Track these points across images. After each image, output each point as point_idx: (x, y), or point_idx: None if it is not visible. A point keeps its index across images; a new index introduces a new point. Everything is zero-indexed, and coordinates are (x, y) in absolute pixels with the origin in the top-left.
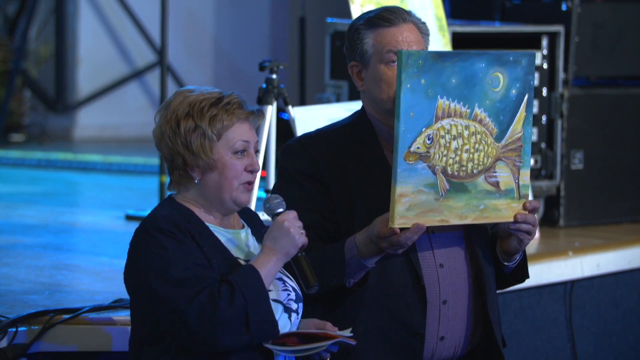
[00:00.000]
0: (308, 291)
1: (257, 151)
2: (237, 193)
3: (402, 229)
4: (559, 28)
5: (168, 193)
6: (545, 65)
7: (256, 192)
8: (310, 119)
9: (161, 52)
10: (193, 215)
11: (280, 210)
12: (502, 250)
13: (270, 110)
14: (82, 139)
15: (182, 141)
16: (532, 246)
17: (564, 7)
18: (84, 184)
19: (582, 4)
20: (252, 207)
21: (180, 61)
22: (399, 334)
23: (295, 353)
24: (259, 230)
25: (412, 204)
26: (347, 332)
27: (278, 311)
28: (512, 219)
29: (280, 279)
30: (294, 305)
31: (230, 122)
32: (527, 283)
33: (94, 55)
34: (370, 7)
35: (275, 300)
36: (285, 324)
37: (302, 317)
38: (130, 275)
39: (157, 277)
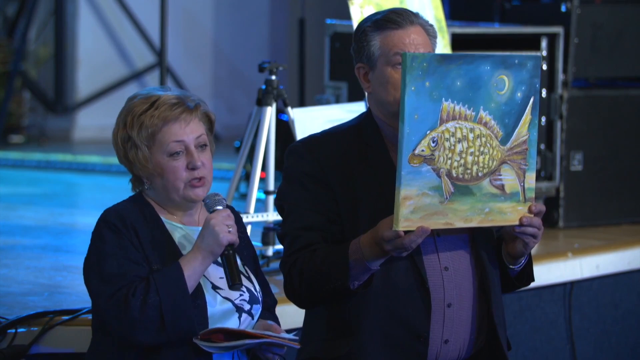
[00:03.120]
0: (231, 289)
1: (203, 145)
2: (185, 192)
3: (406, 232)
4: (559, 29)
5: None
6: (544, 67)
7: (255, 194)
8: (309, 120)
9: (160, 53)
10: (152, 210)
11: (218, 208)
12: (507, 253)
13: (270, 112)
14: (81, 140)
15: (123, 153)
16: None
17: (563, 9)
18: (83, 185)
19: (582, 5)
20: (252, 209)
21: (180, 62)
22: (403, 336)
23: (219, 350)
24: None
25: (416, 206)
26: (289, 335)
27: (226, 309)
28: (517, 222)
29: None
30: (246, 306)
31: (157, 127)
32: None
33: (93, 56)
34: (370, 8)
35: (225, 298)
36: (234, 323)
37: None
38: (84, 265)
39: (94, 270)
